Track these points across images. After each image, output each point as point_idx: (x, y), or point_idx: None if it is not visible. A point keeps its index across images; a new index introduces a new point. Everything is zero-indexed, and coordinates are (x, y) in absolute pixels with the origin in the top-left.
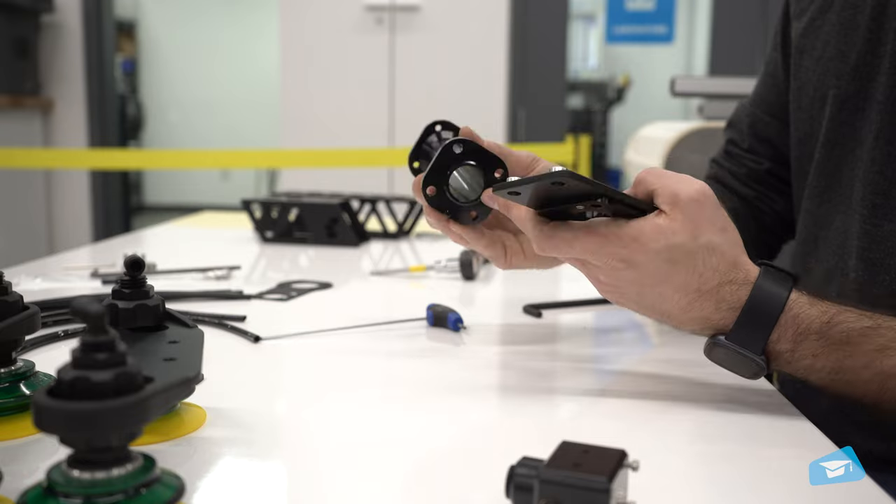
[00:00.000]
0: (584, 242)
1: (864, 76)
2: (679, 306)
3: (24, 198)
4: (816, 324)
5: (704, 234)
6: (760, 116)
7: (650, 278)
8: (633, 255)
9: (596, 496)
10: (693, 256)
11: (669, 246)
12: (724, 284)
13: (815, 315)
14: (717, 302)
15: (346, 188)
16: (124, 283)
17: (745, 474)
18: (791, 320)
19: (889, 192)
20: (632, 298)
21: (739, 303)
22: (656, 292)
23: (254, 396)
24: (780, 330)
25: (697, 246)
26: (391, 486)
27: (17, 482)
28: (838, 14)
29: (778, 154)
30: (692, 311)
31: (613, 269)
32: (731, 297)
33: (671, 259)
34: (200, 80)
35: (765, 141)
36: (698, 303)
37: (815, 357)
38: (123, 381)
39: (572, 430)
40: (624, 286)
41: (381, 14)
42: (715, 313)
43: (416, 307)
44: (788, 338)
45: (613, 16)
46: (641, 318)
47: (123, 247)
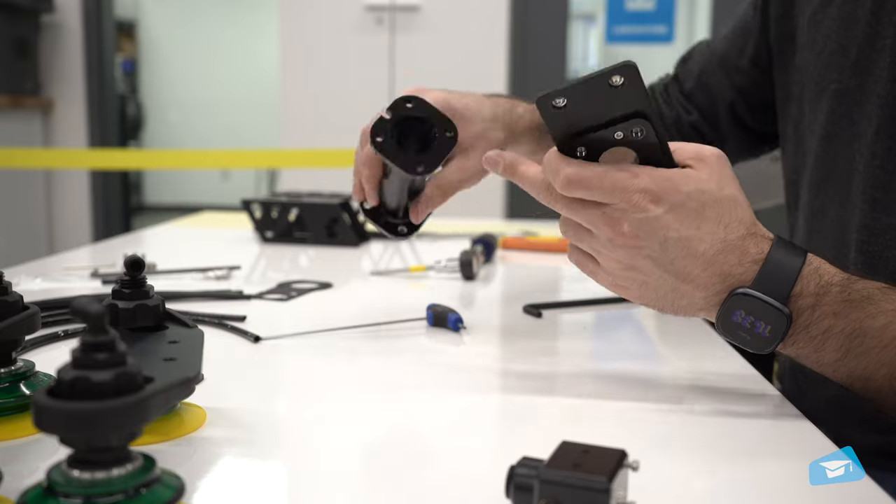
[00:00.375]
0: (616, 177)
1: (863, 70)
2: (704, 259)
3: (24, 198)
4: (838, 277)
5: (729, 187)
6: (713, 68)
7: (679, 222)
8: (664, 195)
9: (596, 496)
10: (720, 204)
11: (700, 190)
12: (748, 237)
13: (835, 271)
14: (741, 254)
15: (346, 188)
16: (124, 283)
17: (745, 474)
18: (813, 272)
19: (889, 185)
20: (653, 255)
21: (762, 255)
22: (682, 243)
23: (254, 396)
24: (803, 282)
25: (724, 196)
26: (391, 486)
27: (17, 482)
28: (839, 8)
29: (711, 108)
30: (715, 266)
31: (641, 212)
32: (754, 248)
33: (701, 202)
34: (200, 80)
35: (706, 90)
36: (722, 255)
37: (836, 316)
38: (123, 381)
39: (572, 430)
40: (648, 239)
41: (381, 14)
42: (738, 266)
43: (416, 307)
44: (811, 291)
45: (613, 16)
46: (641, 318)
47: (123, 247)
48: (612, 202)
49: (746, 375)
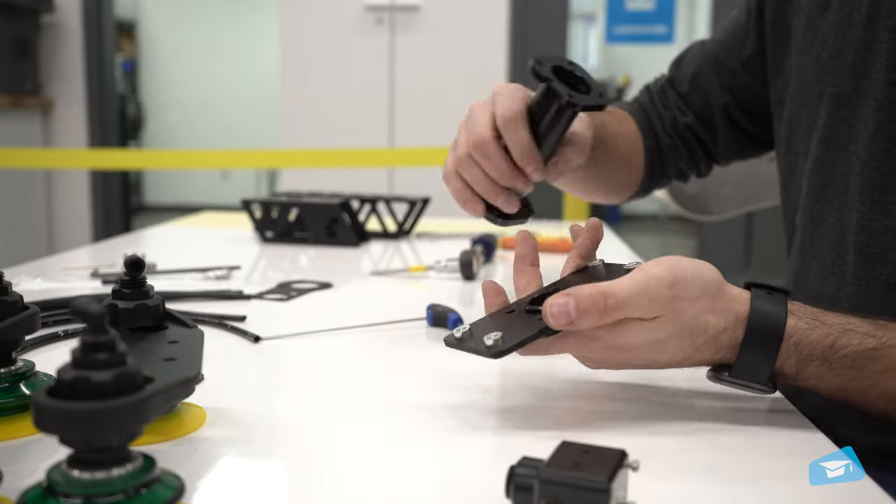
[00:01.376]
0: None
1: (860, 73)
2: (677, 362)
3: (24, 198)
4: (819, 349)
5: (684, 316)
6: (707, 70)
7: (639, 357)
8: (617, 341)
9: (596, 496)
10: (678, 334)
11: (654, 339)
12: (717, 336)
13: (817, 340)
14: (715, 350)
15: (346, 188)
16: (124, 283)
17: (745, 474)
18: (792, 348)
19: (887, 187)
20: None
21: (737, 342)
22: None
23: (254, 396)
24: (783, 357)
25: (679, 327)
26: (391, 486)
27: (17, 482)
28: (836, 13)
29: (706, 110)
30: (692, 359)
31: (599, 354)
32: (728, 340)
33: (659, 340)
34: (200, 80)
35: (700, 92)
36: (697, 355)
37: (820, 379)
38: (123, 381)
39: (572, 430)
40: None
41: (381, 14)
42: (715, 355)
43: (416, 307)
44: (792, 363)
45: (613, 16)
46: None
47: (123, 247)
48: None
49: None
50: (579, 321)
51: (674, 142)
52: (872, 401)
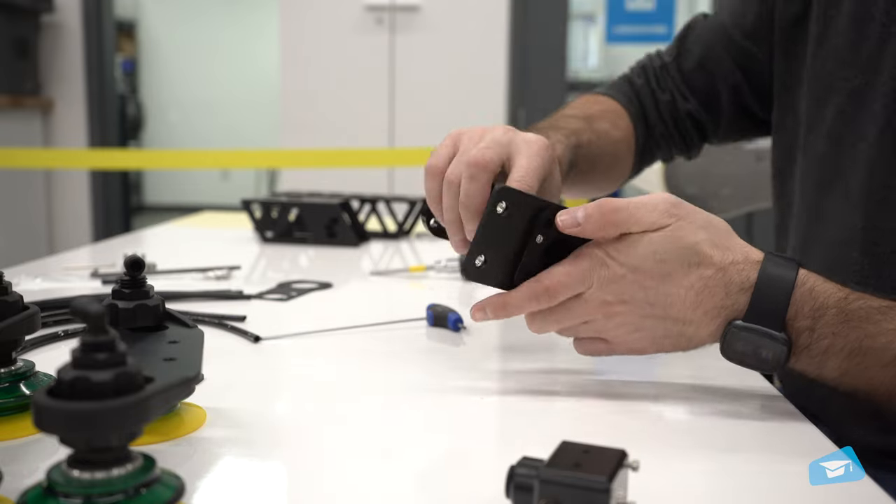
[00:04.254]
0: (568, 269)
1: (872, 69)
2: (689, 302)
3: (24, 198)
4: (834, 298)
5: (688, 237)
6: (716, 48)
7: (648, 278)
8: (620, 256)
9: (596, 496)
10: (680, 253)
11: (653, 251)
12: (726, 268)
13: (832, 290)
14: (725, 286)
15: (346, 188)
16: (124, 283)
17: (745, 474)
18: (807, 294)
19: (891, 184)
20: (647, 312)
21: (749, 282)
22: (661, 296)
23: (254, 396)
24: (797, 305)
25: (682, 246)
26: (391, 486)
27: (17, 482)
28: (851, 4)
29: (712, 94)
30: (703, 304)
31: (611, 281)
32: (738, 276)
33: (658, 259)
34: (200, 80)
35: (707, 72)
36: (706, 293)
37: (835, 336)
38: (123, 381)
39: (572, 430)
40: (633, 298)
41: (381, 14)
42: (726, 298)
43: (416, 307)
44: (806, 313)
45: (613, 16)
46: None
47: (123, 247)
48: (581, 289)
49: (746, 375)
50: (585, 223)
51: (668, 129)
52: (885, 366)
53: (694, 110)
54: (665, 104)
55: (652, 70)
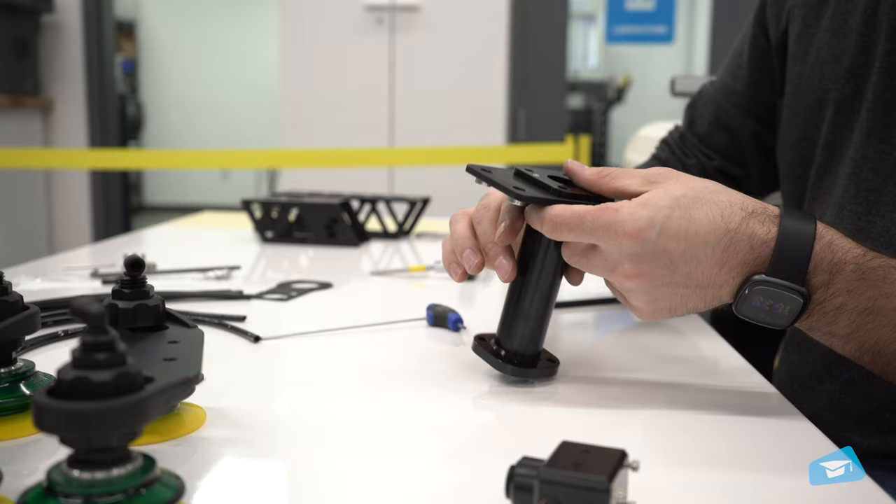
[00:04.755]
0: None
1: (858, 78)
2: (715, 260)
3: (24, 198)
4: (852, 253)
5: (693, 183)
6: (724, 106)
7: (676, 237)
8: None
9: (596, 496)
10: (704, 200)
11: (676, 198)
12: (749, 218)
13: (850, 246)
14: (749, 239)
15: (346, 188)
16: (124, 283)
17: (745, 474)
18: (826, 247)
19: (882, 188)
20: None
21: (771, 234)
22: (687, 255)
23: (254, 396)
24: (816, 259)
25: (702, 190)
26: (391, 486)
27: (17, 482)
28: (830, 20)
29: (734, 147)
30: (728, 261)
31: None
32: (761, 229)
33: (685, 207)
34: (200, 80)
35: (724, 129)
36: (732, 248)
37: (850, 293)
38: (123, 381)
39: (572, 430)
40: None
41: (381, 14)
42: (750, 253)
43: (416, 307)
44: (824, 268)
45: (613, 16)
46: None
47: (123, 247)
48: (602, 243)
49: (746, 376)
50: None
51: None
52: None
53: (721, 166)
54: (694, 167)
55: (673, 142)
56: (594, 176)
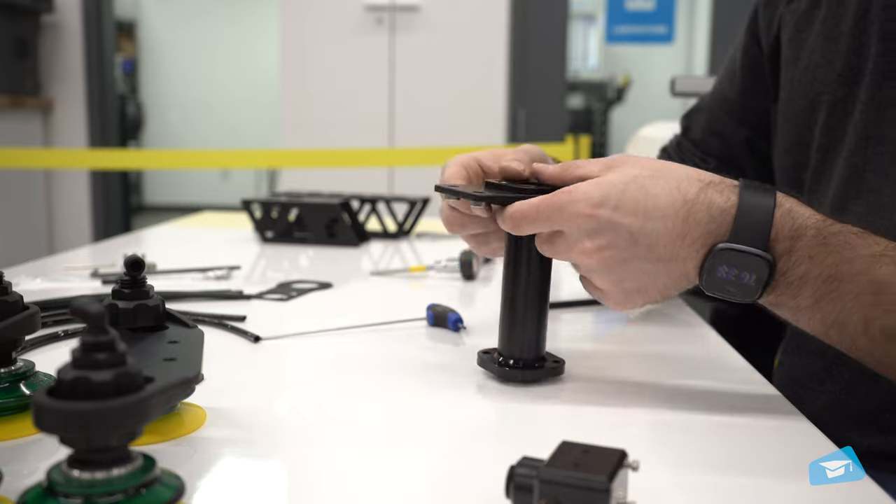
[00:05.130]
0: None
1: (850, 80)
2: (675, 232)
3: (24, 198)
4: (813, 219)
5: (651, 163)
6: (717, 113)
7: (632, 211)
8: (604, 194)
9: (596, 496)
10: (660, 175)
11: (633, 175)
12: (707, 188)
13: (809, 213)
14: (708, 207)
15: (346, 188)
16: (124, 283)
17: (745, 474)
18: (786, 214)
19: (882, 189)
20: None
21: (730, 203)
22: (647, 228)
23: (254, 396)
24: (777, 226)
25: (659, 168)
26: (391, 486)
27: (17, 482)
28: (822, 24)
29: (728, 152)
30: (689, 232)
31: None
32: (720, 198)
33: (641, 184)
34: (200, 80)
35: (717, 135)
36: (691, 218)
37: (812, 260)
38: (123, 381)
39: (572, 430)
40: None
41: (381, 14)
42: (710, 222)
43: (416, 307)
44: (786, 234)
45: (613, 16)
46: (640, 318)
47: (123, 247)
48: (561, 225)
49: (746, 375)
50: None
51: None
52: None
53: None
54: None
55: (671, 148)
56: (558, 170)
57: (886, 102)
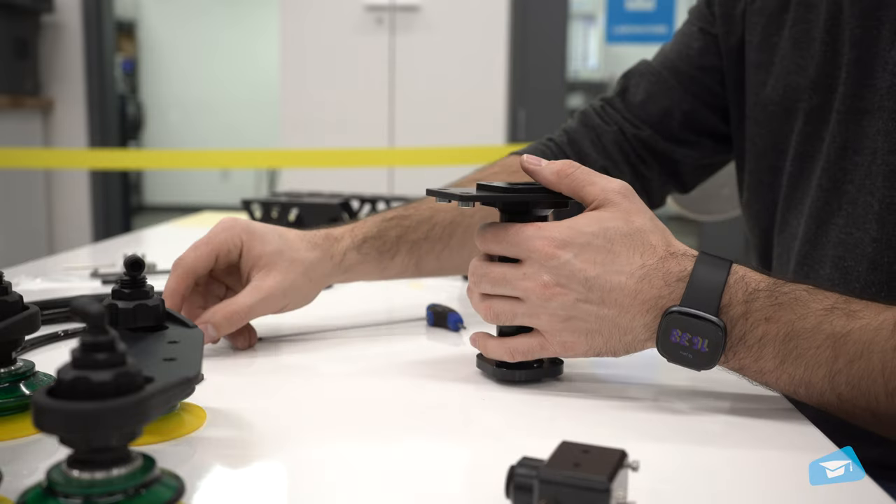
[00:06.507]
0: (522, 230)
1: (825, 88)
2: (629, 289)
3: (24, 198)
4: (764, 283)
5: (638, 219)
6: (665, 77)
7: (591, 262)
8: (569, 240)
9: (596, 496)
10: (629, 237)
11: (605, 228)
12: (667, 258)
13: (762, 277)
14: (664, 276)
15: (346, 188)
16: (124, 283)
17: (745, 474)
18: (739, 281)
19: (857, 200)
20: (582, 297)
21: (685, 272)
22: (602, 279)
23: (254, 396)
24: (731, 292)
25: (632, 228)
26: (391, 486)
27: (17, 482)
28: (790, 29)
29: (665, 121)
30: (642, 292)
31: (553, 259)
32: (677, 267)
33: (608, 239)
34: (200, 80)
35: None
36: (646, 281)
37: (769, 322)
38: (123, 381)
39: (572, 430)
40: (571, 282)
41: (381, 14)
42: (664, 288)
43: (416, 307)
44: (739, 299)
45: (613, 16)
46: None
47: (123, 247)
48: (522, 255)
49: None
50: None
51: (614, 163)
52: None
53: (647, 137)
54: (611, 135)
55: (595, 111)
56: (555, 176)
57: (862, 111)
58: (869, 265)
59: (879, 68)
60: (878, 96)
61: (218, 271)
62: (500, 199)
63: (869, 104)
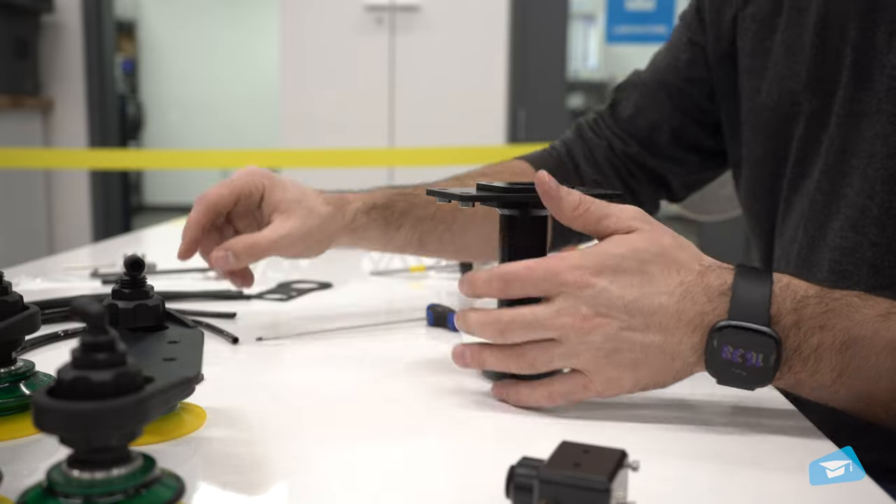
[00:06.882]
0: (546, 263)
1: (822, 92)
2: (671, 309)
3: (24, 198)
4: (813, 290)
5: (665, 238)
6: (654, 91)
7: (628, 285)
8: (600, 265)
9: (596, 496)
10: (660, 256)
11: (634, 249)
12: (704, 273)
13: (807, 285)
14: (705, 290)
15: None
16: (124, 283)
17: (745, 474)
18: (785, 289)
19: (855, 205)
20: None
21: (727, 284)
22: (642, 302)
23: (254, 396)
24: (778, 301)
25: (662, 247)
26: (391, 486)
27: (17, 482)
28: (783, 34)
29: (653, 136)
30: (685, 311)
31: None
32: (716, 281)
33: (640, 260)
34: (200, 80)
35: (647, 117)
36: (688, 298)
37: (823, 330)
38: (123, 381)
39: (572, 430)
40: (611, 310)
41: (381, 14)
42: (707, 304)
43: (416, 307)
44: (788, 307)
45: (613, 16)
46: None
47: (123, 247)
48: (553, 291)
49: None
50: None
51: (604, 176)
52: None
53: (635, 153)
54: (602, 149)
55: (588, 125)
56: (569, 212)
57: (860, 115)
58: (869, 269)
59: (877, 71)
60: (877, 100)
61: (235, 213)
62: (499, 198)
63: (867, 107)
